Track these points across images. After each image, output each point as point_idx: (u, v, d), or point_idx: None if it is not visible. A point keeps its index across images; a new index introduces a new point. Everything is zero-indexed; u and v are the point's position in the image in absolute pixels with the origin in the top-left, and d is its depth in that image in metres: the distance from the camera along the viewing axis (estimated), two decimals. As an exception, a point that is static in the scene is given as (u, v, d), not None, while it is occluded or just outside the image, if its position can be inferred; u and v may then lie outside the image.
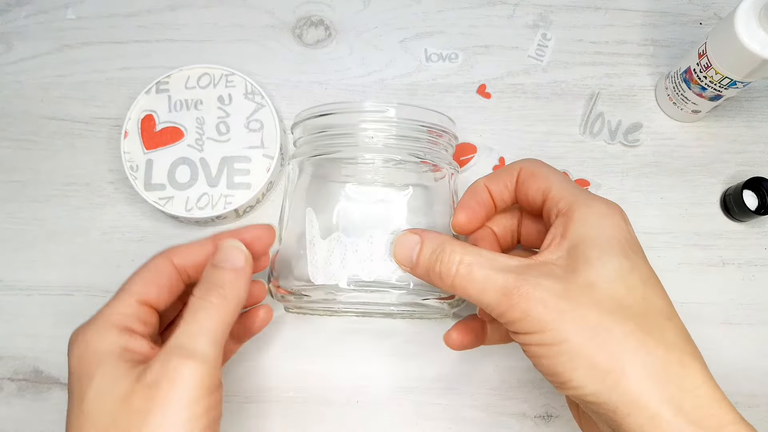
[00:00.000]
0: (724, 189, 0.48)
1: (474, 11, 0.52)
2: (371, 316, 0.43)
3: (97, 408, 0.27)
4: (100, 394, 0.28)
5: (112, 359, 0.29)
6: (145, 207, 0.48)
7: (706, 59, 0.43)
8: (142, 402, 0.26)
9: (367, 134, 0.37)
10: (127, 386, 0.27)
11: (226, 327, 0.30)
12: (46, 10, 0.53)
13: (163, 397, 0.26)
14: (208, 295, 0.30)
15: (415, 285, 0.37)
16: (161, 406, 0.26)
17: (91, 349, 0.29)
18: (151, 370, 0.27)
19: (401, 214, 0.38)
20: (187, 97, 0.47)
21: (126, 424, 0.26)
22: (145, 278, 0.33)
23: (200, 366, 0.27)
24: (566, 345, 0.27)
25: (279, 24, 0.52)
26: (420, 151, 0.38)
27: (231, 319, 0.30)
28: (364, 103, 0.38)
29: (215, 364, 0.28)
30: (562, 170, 0.48)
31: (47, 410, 0.44)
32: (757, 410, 0.44)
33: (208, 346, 0.28)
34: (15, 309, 0.46)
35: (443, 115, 0.39)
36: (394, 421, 0.43)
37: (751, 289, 0.46)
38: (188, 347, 0.28)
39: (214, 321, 0.29)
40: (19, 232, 0.48)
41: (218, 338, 0.29)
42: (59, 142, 0.49)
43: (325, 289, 0.37)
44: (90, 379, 0.28)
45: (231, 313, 0.30)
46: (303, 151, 0.39)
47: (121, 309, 0.31)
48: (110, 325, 0.30)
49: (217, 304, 0.30)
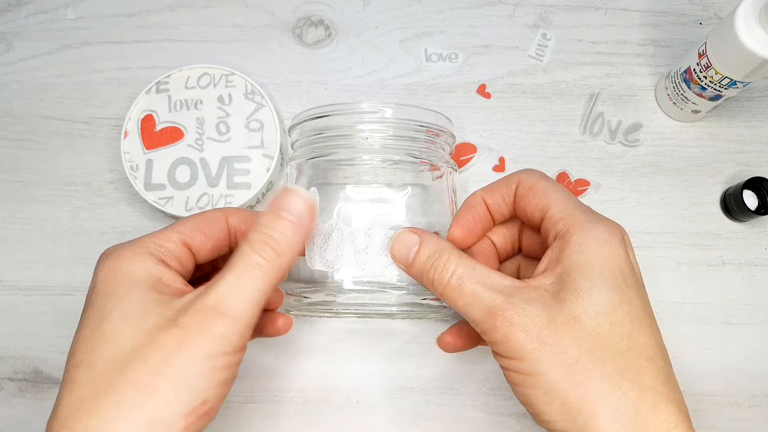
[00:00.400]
0: (724, 189, 0.48)
1: (474, 11, 0.52)
2: (371, 316, 0.43)
3: (120, 331, 0.27)
4: (127, 318, 0.27)
5: (145, 286, 0.28)
6: (145, 207, 0.48)
7: (706, 59, 0.43)
8: (170, 341, 0.26)
9: (364, 135, 0.37)
10: (156, 320, 0.27)
11: (271, 288, 0.29)
12: (46, 10, 0.53)
13: (191, 344, 0.26)
14: (261, 250, 0.28)
15: (414, 285, 0.37)
16: (188, 350, 0.26)
17: (126, 270, 0.29)
18: (186, 315, 0.27)
19: (400, 214, 0.38)
20: (187, 97, 0.47)
21: (146, 356, 0.26)
22: (195, 222, 0.32)
23: (233, 325, 0.27)
24: (542, 378, 0.27)
25: (279, 24, 0.52)
26: (417, 151, 0.38)
27: (279, 280, 0.29)
28: (361, 104, 0.38)
29: (249, 324, 0.28)
30: (562, 170, 0.48)
31: (47, 410, 0.43)
32: (758, 410, 0.44)
33: (248, 307, 0.27)
34: (15, 309, 0.46)
35: (440, 114, 0.40)
36: (394, 421, 0.43)
37: (751, 289, 0.46)
38: (227, 303, 0.27)
39: (260, 282, 0.28)
40: (19, 232, 0.48)
41: (260, 299, 0.28)
42: (59, 142, 0.49)
43: (325, 290, 0.37)
44: (118, 300, 0.28)
45: (280, 273, 0.29)
46: (301, 154, 0.40)
47: (162, 242, 0.30)
48: (148, 253, 0.29)
49: (268, 264, 0.28)
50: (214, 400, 0.27)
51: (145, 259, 0.29)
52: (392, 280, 0.37)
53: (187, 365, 0.26)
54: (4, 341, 0.45)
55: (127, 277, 0.28)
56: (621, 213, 0.48)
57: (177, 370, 0.26)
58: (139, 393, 0.25)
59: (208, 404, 0.26)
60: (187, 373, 0.26)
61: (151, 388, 0.25)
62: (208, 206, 0.45)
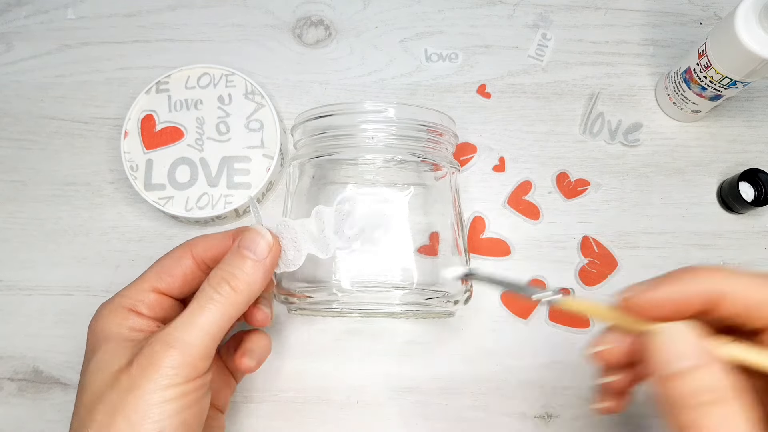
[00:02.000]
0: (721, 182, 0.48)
1: (474, 11, 0.52)
2: (374, 316, 0.43)
3: (92, 380, 0.30)
4: (98, 368, 0.30)
5: (117, 338, 0.31)
6: (145, 207, 0.48)
7: (706, 59, 0.43)
8: (124, 380, 0.29)
9: (367, 135, 0.37)
10: (121, 364, 0.29)
11: (226, 321, 0.30)
12: (46, 10, 0.53)
13: (141, 380, 0.28)
14: (218, 286, 0.31)
15: (417, 285, 0.37)
16: (139, 387, 0.28)
17: (101, 326, 0.32)
18: (140, 353, 0.29)
19: (402, 214, 0.38)
20: (187, 97, 0.47)
21: (109, 398, 0.28)
22: (161, 267, 0.34)
23: (182, 356, 0.29)
24: None
25: (279, 24, 0.52)
26: (420, 151, 0.38)
27: (236, 313, 0.31)
28: (364, 104, 0.38)
29: (201, 355, 0.29)
30: (562, 170, 0.48)
31: (47, 410, 0.44)
32: (757, 410, 0.44)
33: (199, 339, 0.29)
34: (15, 309, 0.46)
35: (443, 113, 0.39)
36: (394, 421, 0.43)
37: (751, 289, 0.46)
38: (176, 336, 0.29)
39: (214, 315, 0.30)
40: (19, 232, 0.48)
41: (214, 332, 0.30)
42: (59, 142, 0.49)
43: (328, 290, 0.37)
44: (93, 354, 0.31)
45: (237, 307, 0.31)
46: (303, 153, 0.39)
47: (132, 294, 0.33)
48: (120, 307, 0.33)
49: (223, 299, 0.30)
50: (172, 428, 0.28)
51: (117, 313, 0.32)
52: (395, 280, 0.37)
53: (138, 401, 0.28)
54: (4, 341, 0.45)
55: (101, 332, 0.32)
56: (621, 213, 0.48)
57: (129, 407, 0.28)
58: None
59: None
60: (139, 408, 0.28)
61: (111, 428, 0.28)
62: (207, 206, 0.45)
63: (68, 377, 0.44)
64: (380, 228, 0.36)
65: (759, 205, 0.46)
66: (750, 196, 0.46)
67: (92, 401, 0.29)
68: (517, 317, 0.45)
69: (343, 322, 0.45)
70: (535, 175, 0.48)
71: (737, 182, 0.46)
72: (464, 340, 0.45)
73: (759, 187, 0.46)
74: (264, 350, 0.37)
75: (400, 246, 0.36)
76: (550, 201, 0.48)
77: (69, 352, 0.45)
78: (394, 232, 0.35)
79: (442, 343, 0.45)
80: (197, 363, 0.29)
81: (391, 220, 0.32)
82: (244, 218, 0.47)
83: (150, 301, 0.33)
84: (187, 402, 0.29)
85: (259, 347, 0.37)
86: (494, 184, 0.48)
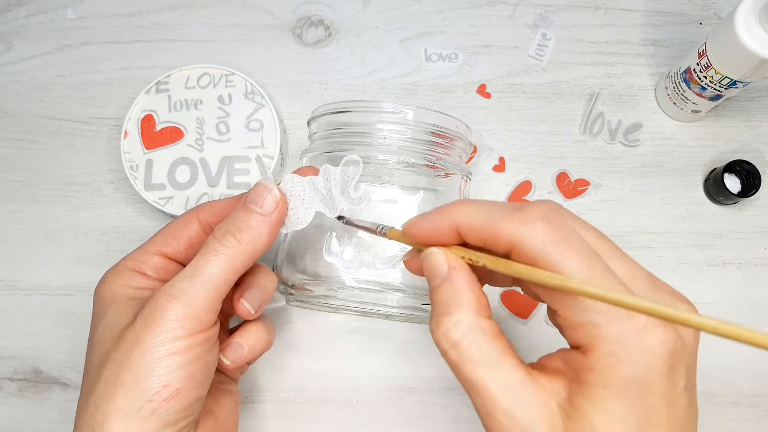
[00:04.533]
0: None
1: (474, 11, 0.52)
2: (370, 316, 0.43)
3: (101, 340, 0.30)
4: (105, 329, 0.30)
5: (122, 299, 0.31)
6: (145, 207, 0.48)
7: (706, 59, 0.43)
8: (131, 335, 0.29)
9: (382, 135, 0.37)
10: (126, 321, 0.30)
11: (231, 274, 0.30)
12: (46, 10, 0.53)
13: (145, 334, 0.28)
14: (222, 238, 0.30)
15: (416, 290, 0.37)
16: (144, 341, 0.28)
17: (107, 289, 0.32)
18: (144, 307, 0.29)
19: (410, 217, 0.38)
20: (187, 97, 0.47)
21: (115, 354, 0.29)
22: (167, 231, 0.35)
23: (185, 309, 0.29)
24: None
25: (279, 24, 0.52)
26: (433, 156, 0.38)
27: (240, 267, 0.30)
28: (382, 104, 0.38)
29: (205, 307, 0.29)
30: (562, 170, 0.48)
31: (47, 410, 0.44)
32: (757, 410, 0.44)
33: (202, 291, 0.29)
34: (15, 309, 0.46)
35: (460, 121, 0.39)
36: (394, 421, 0.43)
37: (751, 289, 0.46)
38: (179, 287, 0.29)
39: (218, 267, 0.29)
40: (19, 232, 0.48)
41: (218, 283, 0.29)
42: (59, 142, 0.49)
43: (328, 285, 0.37)
44: (102, 315, 0.31)
45: (241, 260, 0.30)
46: (317, 147, 0.39)
47: (138, 256, 0.34)
48: (125, 269, 0.33)
49: (227, 251, 0.30)
50: (178, 382, 0.28)
51: (122, 275, 0.33)
52: (395, 282, 0.37)
53: (144, 355, 0.28)
54: (4, 341, 0.45)
55: (108, 294, 0.32)
56: (621, 213, 0.48)
57: (134, 361, 0.28)
58: (108, 388, 0.28)
59: (170, 387, 0.28)
60: (144, 362, 0.28)
61: (117, 382, 0.28)
62: (208, 206, 0.45)
63: (68, 377, 0.44)
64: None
65: (744, 196, 0.46)
66: (736, 188, 0.47)
67: (100, 360, 0.29)
68: (516, 317, 0.45)
69: (343, 322, 0.45)
70: (535, 175, 0.48)
71: (722, 174, 0.46)
72: (464, 340, 0.45)
73: (743, 178, 0.47)
74: (268, 292, 0.35)
75: (404, 249, 0.36)
76: (550, 201, 0.48)
77: (69, 352, 0.45)
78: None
79: (442, 343, 0.45)
80: (202, 315, 0.29)
81: (398, 223, 0.32)
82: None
83: (155, 264, 0.34)
84: (192, 356, 0.29)
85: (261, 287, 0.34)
86: (494, 184, 0.48)
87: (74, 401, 0.31)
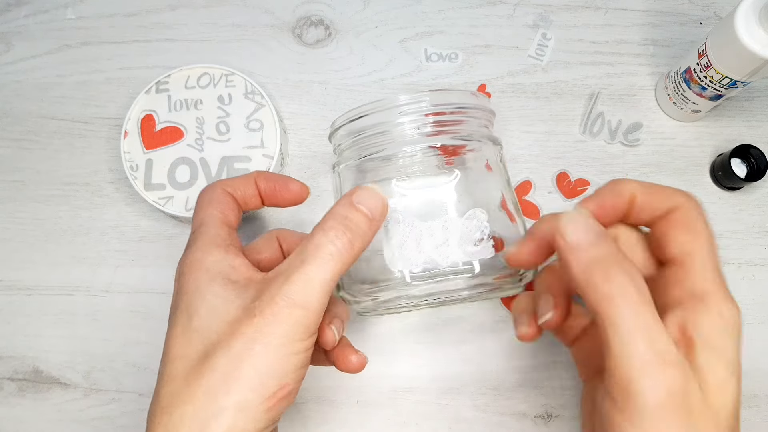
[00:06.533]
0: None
1: (474, 11, 0.52)
2: (446, 304, 0.42)
3: (208, 324, 0.29)
4: (212, 312, 0.29)
5: (221, 279, 0.30)
6: (145, 207, 0.48)
7: (706, 59, 0.43)
8: (249, 330, 0.28)
9: (407, 127, 0.37)
10: (236, 311, 0.29)
11: (338, 277, 0.29)
12: (46, 10, 0.53)
13: (269, 333, 0.28)
14: (336, 239, 0.29)
15: (481, 268, 0.36)
16: (266, 338, 0.28)
17: (203, 267, 0.31)
18: (262, 303, 0.28)
19: (452, 200, 0.37)
20: (187, 97, 0.47)
21: (230, 346, 0.28)
22: (220, 203, 0.34)
23: (308, 314, 0.28)
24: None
25: (279, 24, 0.52)
26: (464, 132, 0.38)
27: (346, 270, 0.30)
28: (398, 97, 0.38)
29: (321, 312, 0.29)
30: (562, 170, 0.48)
31: (47, 410, 0.44)
32: (758, 410, 0.44)
33: (320, 296, 0.29)
34: (15, 309, 0.46)
35: (476, 93, 0.39)
36: (394, 421, 0.43)
37: (751, 289, 0.46)
38: (302, 294, 0.28)
39: (330, 272, 0.29)
40: (19, 232, 0.48)
41: (330, 288, 0.29)
42: (59, 142, 0.49)
43: (394, 286, 0.36)
44: (202, 297, 0.30)
45: (348, 263, 0.30)
46: (347, 156, 0.39)
47: (217, 231, 0.32)
48: (214, 246, 0.32)
49: (339, 254, 0.29)
50: (293, 383, 0.29)
51: (215, 252, 0.31)
52: (459, 265, 0.36)
53: (267, 352, 0.28)
54: (4, 341, 0.45)
55: (205, 273, 0.30)
56: (621, 213, 0.48)
57: (258, 357, 0.28)
58: (225, 380, 0.27)
59: (287, 388, 0.28)
60: (267, 359, 0.28)
61: (235, 375, 0.27)
62: (208, 206, 0.45)
63: (68, 377, 0.44)
64: (435, 217, 0.36)
65: (751, 180, 0.46)
66: (742, 173, 0.47)
67: (205, 347, 0.28)
68: (517, 317, 0.45)
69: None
70: (535, 175, 0.48)
71: (729, 159, 0.46)
72: (464, 340, 0.45)
73: (751, 163, 0.47)
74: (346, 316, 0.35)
75: (456, 231, 0.36)
76: (550, 201, 0.48)
77: (69, 352, 0.45)
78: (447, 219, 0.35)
79: (442, 343, 0.45)
80: (317, 319, 0.29)
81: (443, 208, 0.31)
82: (244, 218, 0.47)
83: (232, 238, 0.33)
84: (305, 358, 0.29)
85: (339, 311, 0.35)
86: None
87: (74, 401, 0.30)
